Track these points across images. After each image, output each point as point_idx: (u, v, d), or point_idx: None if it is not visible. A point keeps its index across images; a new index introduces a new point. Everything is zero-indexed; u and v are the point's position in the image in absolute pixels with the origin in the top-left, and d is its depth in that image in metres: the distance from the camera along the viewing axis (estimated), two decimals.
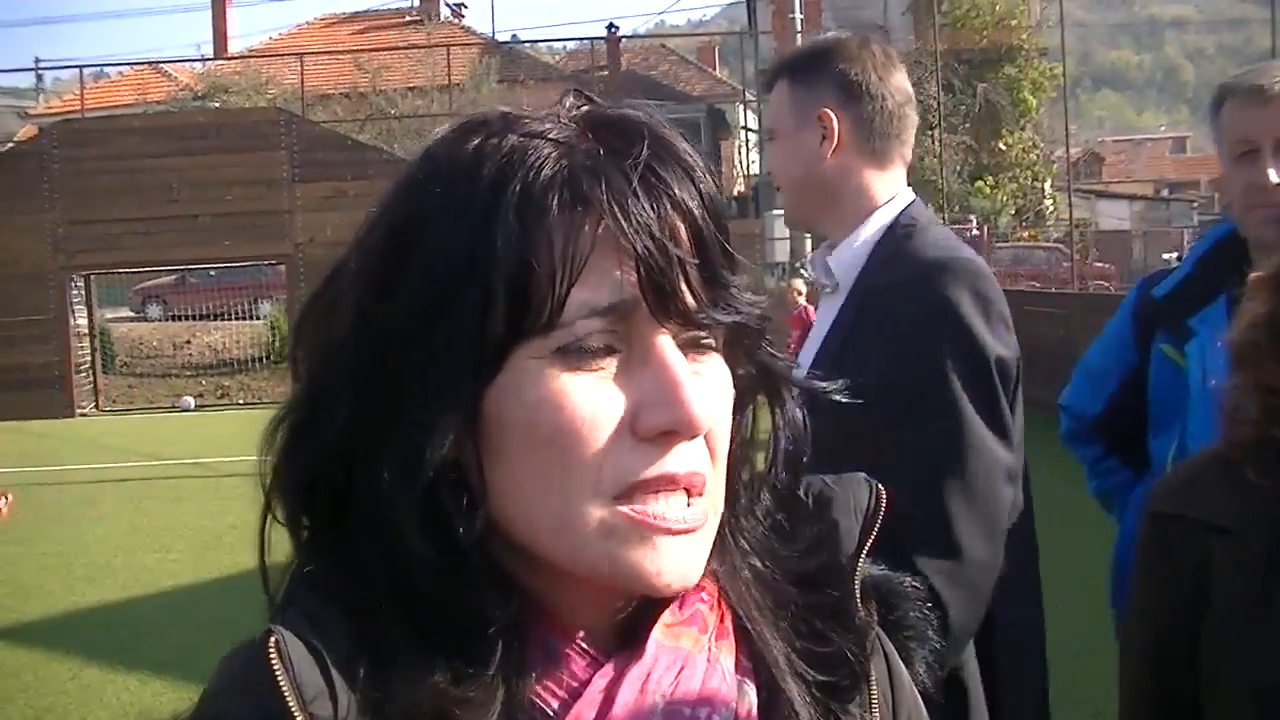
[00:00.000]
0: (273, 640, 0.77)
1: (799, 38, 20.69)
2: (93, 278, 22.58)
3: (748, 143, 37.02)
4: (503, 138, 0.81)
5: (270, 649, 0.76)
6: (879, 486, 0.98)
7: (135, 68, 39.66)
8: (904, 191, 2.29)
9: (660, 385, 0.79)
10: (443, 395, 0.78)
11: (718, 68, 48.70)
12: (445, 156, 0.83)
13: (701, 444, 0.81)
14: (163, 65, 39.00)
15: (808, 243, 27.91)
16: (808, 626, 0.90)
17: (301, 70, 28.83)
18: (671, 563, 0.80)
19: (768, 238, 25.19)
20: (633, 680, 0.82)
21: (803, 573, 0.91)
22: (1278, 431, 1.49)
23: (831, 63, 2.26)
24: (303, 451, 0.83)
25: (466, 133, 0.83)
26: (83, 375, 21.77)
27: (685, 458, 0.80)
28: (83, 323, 22.07)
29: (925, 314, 2.06)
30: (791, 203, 2.41)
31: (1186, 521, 1.58)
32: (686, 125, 32.79)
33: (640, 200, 0.78)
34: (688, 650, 0.84)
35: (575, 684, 0.81)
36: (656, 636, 0.84)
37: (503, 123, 0.83)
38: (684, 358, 0.81)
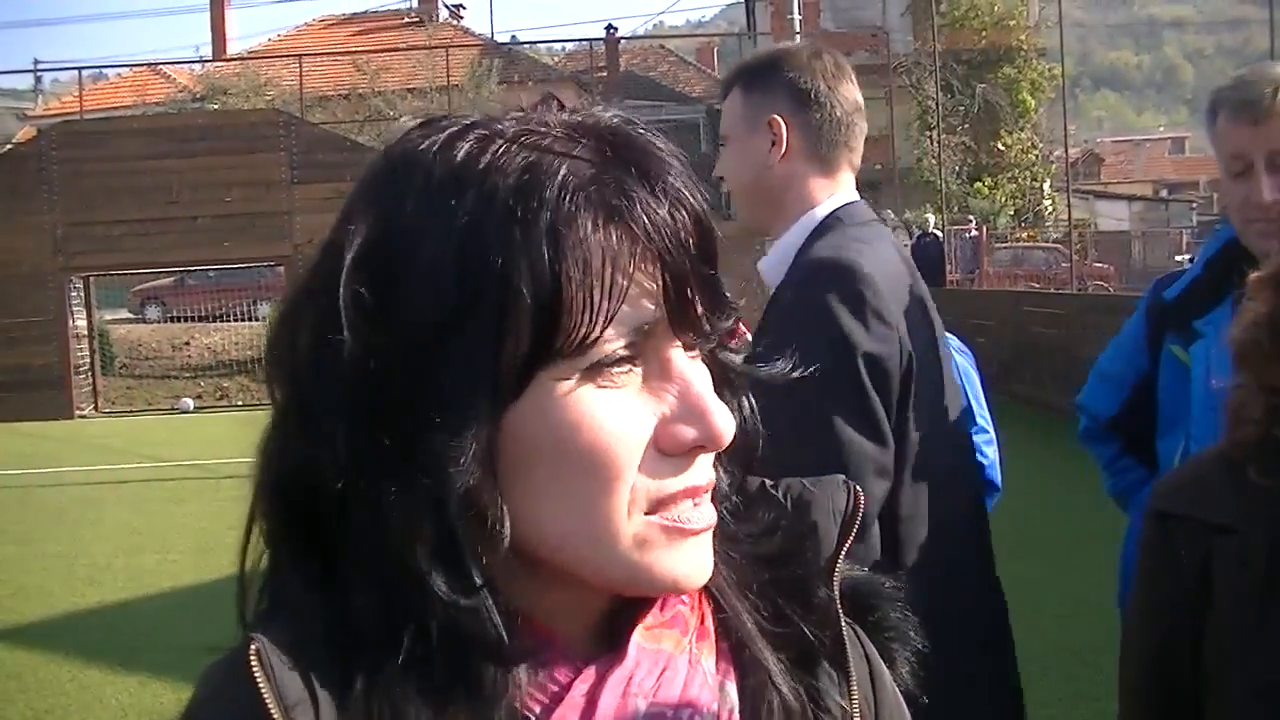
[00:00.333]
0: (253, 649, 0.76)
1: (797, 38, 20.69)
2: (92, 279, 22.55)
3: None
4: (508, 148, 0.77)
5: (251, 657, 0.76)
6: (857, 489, 0.98)
7: (134, 69, 39.70)
8: (843, 194, 2.32)
9: (688, 403, 0.79)
10: (464, 424, 0.75)
11: (717, 69, 48.68)
12: (435, 165, 0.78)
13: None
14: (162, 67, 38.98)
15: None
16: (770, 606, 0.90)
17: (300, 72, 28.86)
18: (695, 563, 0.81)
19: (765, 237, 25.18)
20: (615, 683, 0.81)
21: (760, 553, 0.91)
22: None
23: (782, 71, 2.30)
24: (296, 487, 0.79)
25: (452, 137, 0.79)
26: (82, 377, 21.76)
27: (705, 468, 0.81)
28: (82, 324, 22.04)
29: (798, 311, 2.12)
30: (742, 207, 2.45)
31: (1189, 521, 1.58)
32: (685, 126, 32.79)
33: (665, 214, 0.78)
34: (669, 652, 0.84)
35: (556, 688, 0.81)
36: (637, 639, 0.83)
37: (492, 129, 0.79)
38: (694, 367, 0.81)
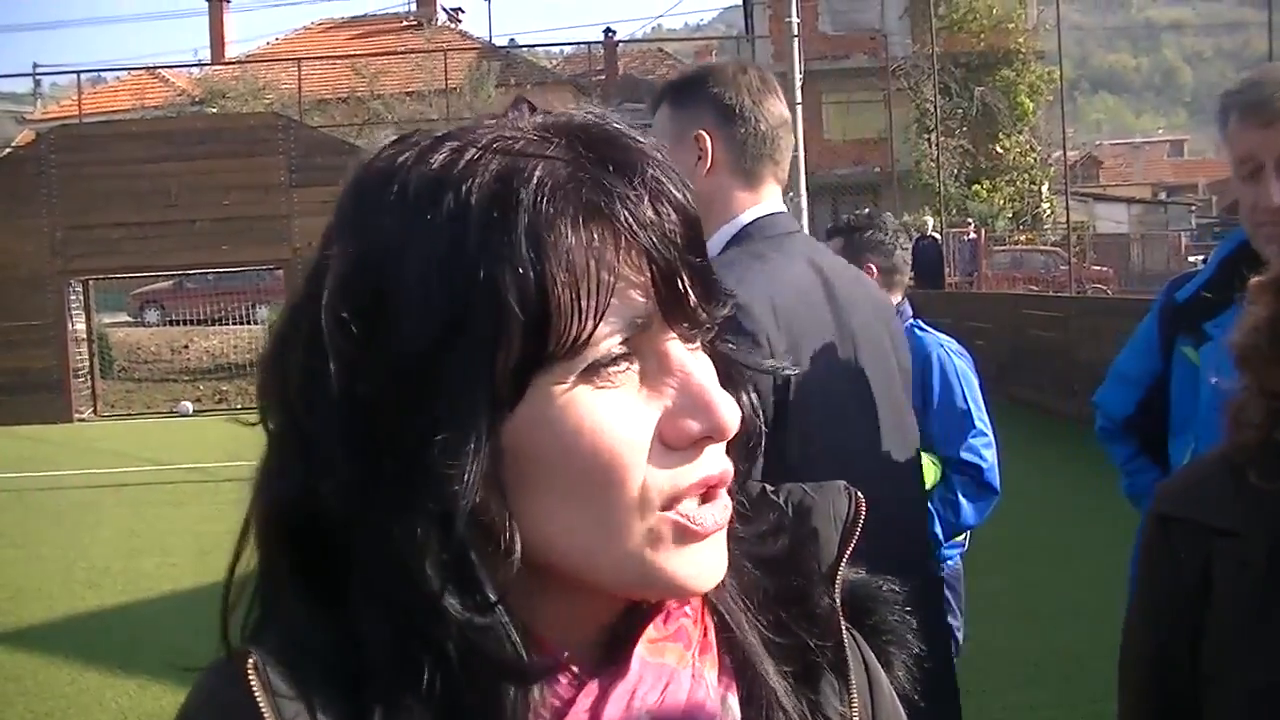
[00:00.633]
0: (251, 661, 0.75)
1: (795, 42, 20.68)
2: (91, 282, 22.55)
3: None
4: (481, 156, 0.76)
5: (249, 670, 0.75)
6: (858, 495, 0.98)
7: (133, 73, 39.83)
8: (765, 206, 2.34)
9: (689, 394, 0.78)
10: (463, 441, 0.73)
11: None
12: (409, 177, 0.77)
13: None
14: (160, 70, 39.04)
15: None
16: (773, 617, 0.89)
17: (299, 75, 28.88)
18: (707, 566, 0.80)
19: None
20: (618, 698, 0.80)
21: (764, 556, 0.91)
22: None
23: (708, 87, 2.33)
24: (297, 515, 0.78)
25: (424, 151, 0.78)
26: (81, 380, 21.75)
27: (716, 458, 0.80)
28: (81, 328, 22.04)
29: None
30: None
31: (1189, 523, 1.58)
32: None
33: (647, 207, 0.77)
34: (672, 666, 0.83)
35: (559, 703, 0.80)
36: (641, 653, 0.82)
37: (465, 139, 0.78)
38: (694, 357, 0.80)
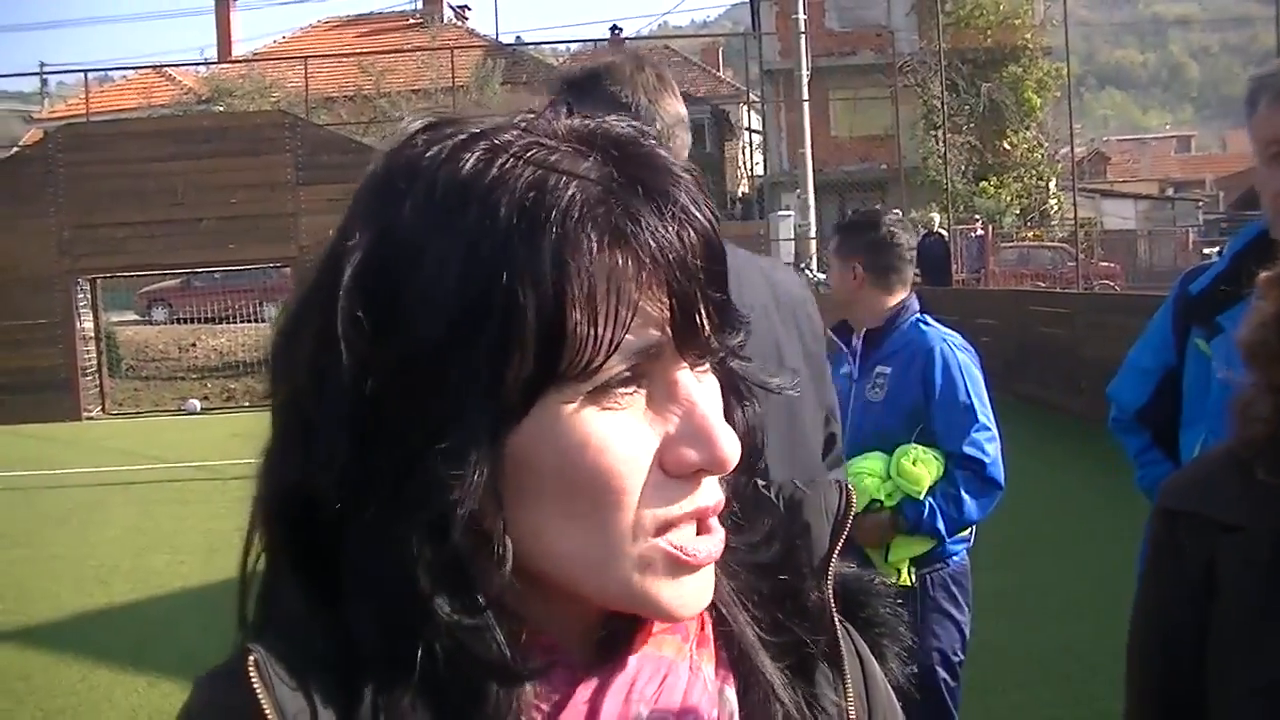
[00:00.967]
0: (251, 660, 0.75)
1: (803, 39, 20.67)
2: (98, 281, 22.58)
3: (751, 144, 37.03)
4: (514, 165, 0.75)
5: (250, 669, 0.74)
6: (849, 488, 0.98)
7: (140, 71, 39.87)
8: None
9: (692, 425, 0.77)
10: (466, 448, 0.74)
11: (721, 69, 48.74)
12: (438, 175, 0.76)
13: None
14: (167, 69, 39.12)
15: (813, 244, 27.95)
16: (769, 617, 0.89)
17: (305, 73, 28.90)
18: (694, 594, 0.79)
19: (772, 239, 25.18)
20: (616, 690, 0.81)
21: (759, 562, 0.91)
22: None
23: (604, 84, 2.32)
24: (296, 503, 0.78)
25: (456, 149, 0.77)
26: (89, 379, 21.78)
27: (712, 489, 0.79)
28: (88, 326, 22.06)
29: None
30: None
31: (1196, 518, 1.58)
32: (691, 127, 32.77)
33: (673, 237, 0.76)
34: (670, 658, 0.83)
35: (557, 697, 0.80)
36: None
37: (500, 141, 0.77)
38: (701, 387, 0.79)
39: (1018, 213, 32.34)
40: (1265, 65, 2.59)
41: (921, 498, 3.72)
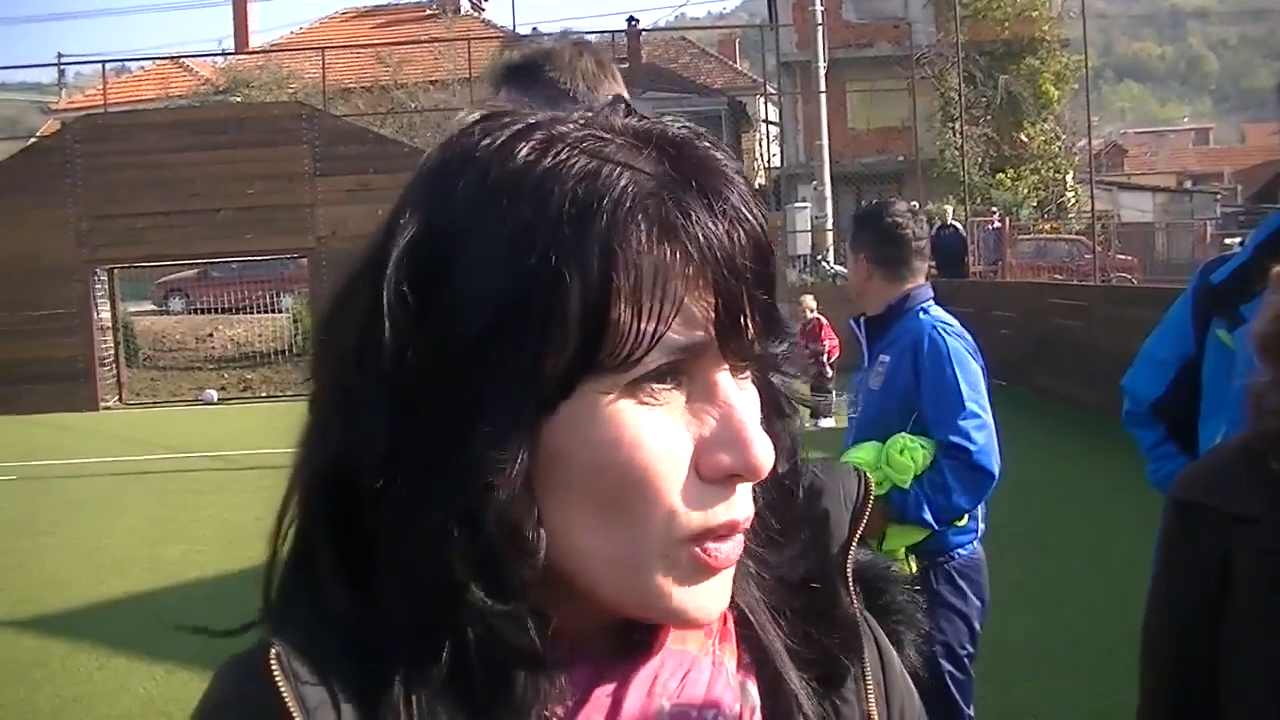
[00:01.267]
0: (274, 652, 0.75)
1: (819, 30, 20.62)
2: (115, 271, 22.68)
3: (768, 135, 36.98)
4: (569, 154, 0.75)
5: (272, 661, 0.74)
6: (867, 476, 0.98)
7: (157, 63, 39.93)
8: None
9: (729, 429, 0.77)
10: (506, 435, 0.73)
11: (738, 60, 48.68)
12: (492, 164, 0.76)
13: None
14: (184, 60, 39.25)
15: (829, 236, 27.92)
16: (799, 630, 0.89)
17: (323, 64, 28.88)
18: (713, 598, 0.79)
19: (789, 231, 25.16)
20: (639, 684, 0.81)
21: (792, 576, 0.90)
22: None
23: (543, 71, 2.30)
24: (334, 476, 0.77)
25: (512, 139, 0.77)
26: (106, 369, 21.87)
27: (746, 500, 0.79)
28: (106, 316, 22.14)
29: None
30: None
31: (1210, 510, 1.58)
32: (707, 118, 32.74)
33: (723, 235, 0.75)
34: (693, 653, 0.83)
35: (580, 690, 0.80)
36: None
37: (556, 131, 0.77)
38: (740, 393, 0.79)
39: (1035, 205, 32.25)
40: None
41: (907, 487, 3.70)
